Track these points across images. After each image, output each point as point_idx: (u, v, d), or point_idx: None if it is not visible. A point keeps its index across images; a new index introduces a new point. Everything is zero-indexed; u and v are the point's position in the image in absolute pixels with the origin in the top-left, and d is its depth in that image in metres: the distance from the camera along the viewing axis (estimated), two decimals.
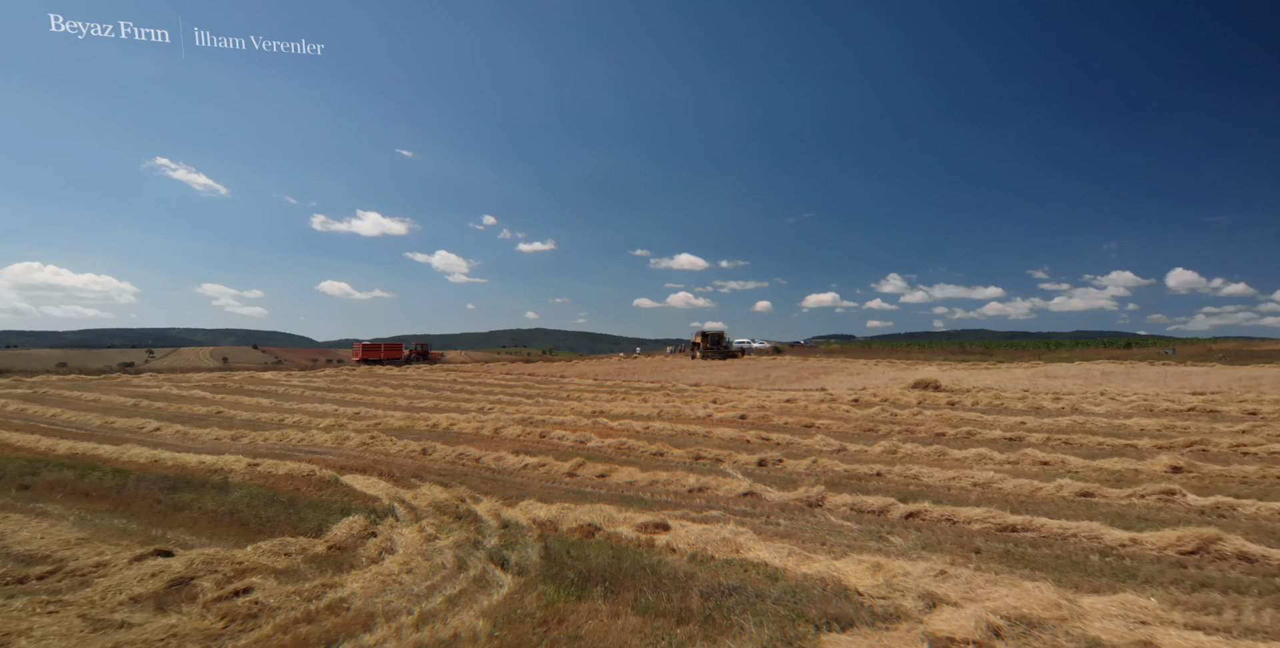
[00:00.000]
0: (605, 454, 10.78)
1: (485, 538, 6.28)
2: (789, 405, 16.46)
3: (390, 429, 13.41)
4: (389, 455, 10.58)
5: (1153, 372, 24.17)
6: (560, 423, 14.25)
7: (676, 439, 12.16)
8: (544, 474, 9.31)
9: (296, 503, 7.39)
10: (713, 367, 35.46)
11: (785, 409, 15.89)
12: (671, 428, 13.11)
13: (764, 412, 15.23)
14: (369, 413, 16.74)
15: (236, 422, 15.16)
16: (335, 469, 9.31)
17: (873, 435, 12.28)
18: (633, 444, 11.27)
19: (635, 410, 16.43)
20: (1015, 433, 11.35)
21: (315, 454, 10.71)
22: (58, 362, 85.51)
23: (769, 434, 12.05)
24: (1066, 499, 7.18)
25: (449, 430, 13.15)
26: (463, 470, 9.57)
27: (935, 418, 13.54)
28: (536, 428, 12.89)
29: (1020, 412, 14.28)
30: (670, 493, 8.15)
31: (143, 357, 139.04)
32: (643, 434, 12.73)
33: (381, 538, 6.24)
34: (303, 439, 11.94)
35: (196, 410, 17.16)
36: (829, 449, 10.88)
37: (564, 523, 6.67)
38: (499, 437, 12.40)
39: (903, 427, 12.69)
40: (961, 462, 9.56)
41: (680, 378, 27.47)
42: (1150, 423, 11.78)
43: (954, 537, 6.07)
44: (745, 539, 5.94)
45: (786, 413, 15.09)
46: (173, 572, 5.23)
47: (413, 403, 19.34)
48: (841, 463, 9.45)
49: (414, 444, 10.99)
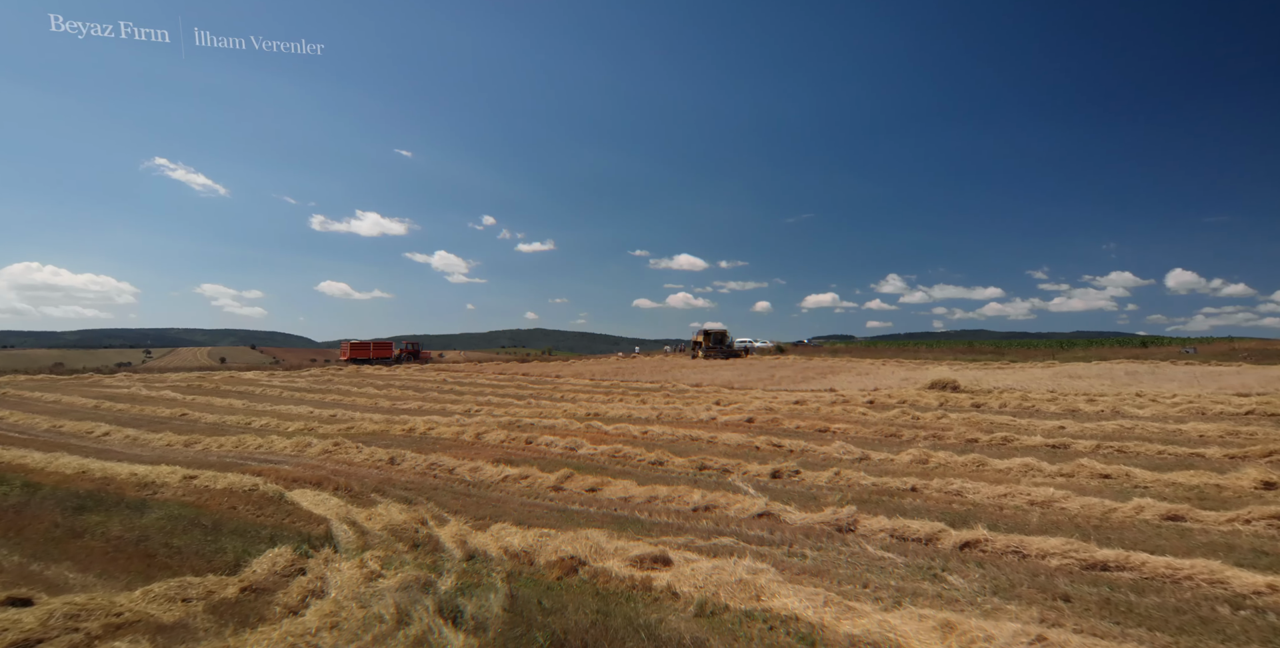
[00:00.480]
0: (597, 464, 9.55)
1: (442, 576, 5.05)
2: (799, 408, 15.22)
3: (361, 434, 12.16)
4: (351, 466, 9.34)
5: (1179, 371, 22.95)
6: (550, 427, 13.00)
7: (678, 446, 10.92)
8: (526, 488, 8.07)
9: (221, 527, 6.15)
10: (714, 366, 34.23)
11: (795, 412, 14.65)
12: (672, 433, 11.87)
13: (772, 415, 13.99)
14: (345, 416, 15.50)
15: (198, 426, 13.91)
16: (285, 483, 8.07)
17: (896, 442, 11.05)
18: (629, 452, 10.04)
19: (632, 413, 15.19)
20: (1058, 440, 10.11)
21: (269, 463, 9.47)
22: (54, 362, 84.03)
23: (781, 440, 10.82)
24: (1152, 524, 5.94)
25: (426, 436, 11.90)
26: (432, 484, 8.33)
27: (962, 422, 12.30)
28: (523, 433, 11.65)
29: (1055, 415, 13.05)
30: (671, 512, 6.91)
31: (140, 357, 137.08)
32: (640, 440, 11.49)
33: (311, 576, 5.00)
34: (260, 446, 10.70)
35: (159, 413, 15.91)
36: (850, 458, 9.64)
37: (541, 554, 5.43)
38: (480, 443, 11.16)
39: (929, 432, 11.45)
40: (1006, 474, 8.32)
41: (680, 378, 26.24)
42: (1210, 428, 10.55)
43: (1028, 576, 4.83)
44: (767, 580, 4.70)
45: (797, 416, 13.85)
46: (18, 631, 3.99)
47: (395, 405, 18.09)
48: (868, 475, 8.22)
49: (382, 452, 9.74)
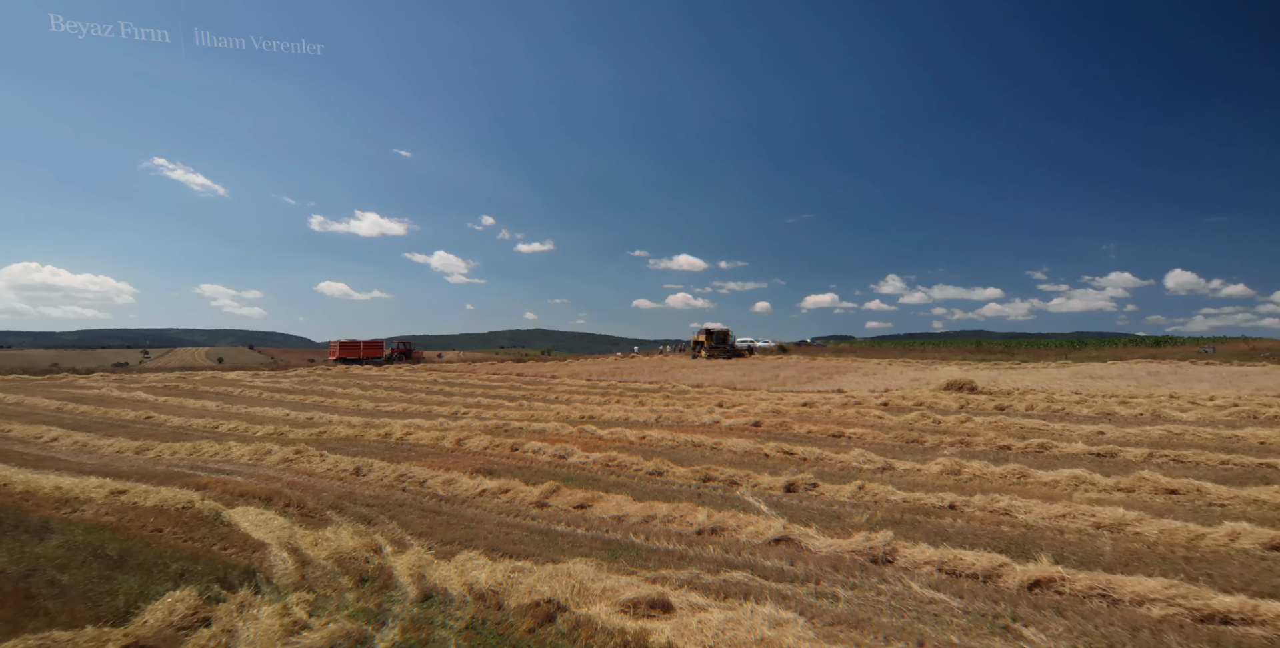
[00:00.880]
0: (589, 474, 8.52)
1: (384, 628, 4.02)
2: (808, 410, 14.19)
3: (332, 440, 11.12)
4: (312, 477, 8.30)
5: (1203, 371, 21.94)
6: (540, 432, 11.97)
7: (678, 453, 9.90)
8: (505, 504, 7.04)
9: (128, 559, 5.11)
10: (715, 366, 33.21)
11: (805, 415, 13.62)
12: (672, 438, 10.84)
13: (780, 418, 12.96)
14: (322, 419, 14.46)
15: (159, 430, 12.87)
16: (228, 498, 7.04)
17: (919, 449, 10.03)
18: (625, 460, 9.00)
19: (630, 416, 14.16)
20: (1102, 447, 9.09)
21: (220, 474, 8.43)
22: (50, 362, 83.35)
23: (792, 447, 9.79)
24: (1255, 556, 4.92)
25: (402, 442, 10.86)
26: (399, 499, 7.29)
27: (989, 426, 11.28)
28: (509, 439, 10.60)
29: (1088, 418, 12.03)
30: (672, 535, 5.89)
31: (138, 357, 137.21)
32: (637, 446, 10.46)
33: (217, 630, 3.96)
34: (216, 453, 9.65)
35: (123, 416, 14.86)
36: (871, 468, 8.62)
37: (513, 596, 4.40)
38: (460, 450, 10.12)
39: (954, 438, 10.42)
40: (1054, 488, 7.30)
41: (681, 378, 25.22)
42: (1271, 435, 9.53)
43: (1128, 631, 3.81)
44: (795, 637, 3.67)
45: (808, 419, 12.83)
46: None
47: (378, 407, 17.06)
48: (896, 489, 7.19)
49: (348, 461, 8.70)
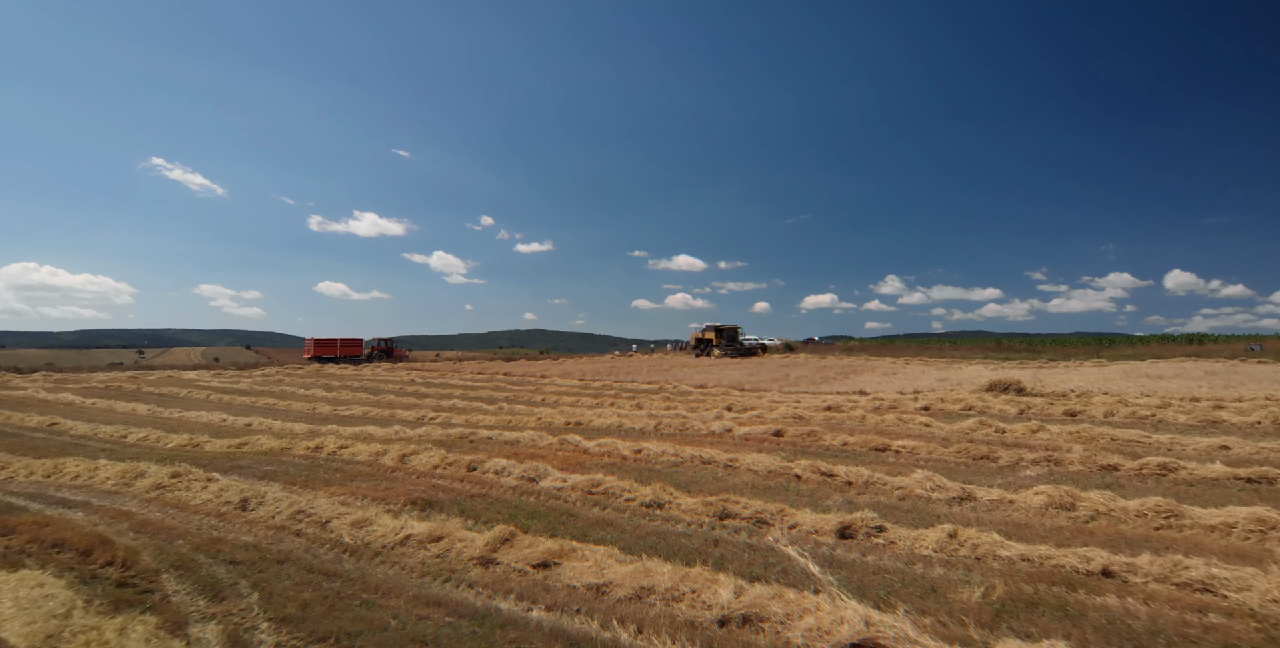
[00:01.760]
0: (564, 507, 6.28)
1: None
2: (836, 416, 11.95)
3: (246, 455, 8.88)
4: (181, 512, 6.06)
5: (1265, 370, 19.74)
6: (510, 444, 9.74)
7: (683, 473, 7.68)
8: (434, 560, 4.81)
9: None
10: (719, 365, 30.97)
11: (834, 422, 11.39)
12: (675, 452, 8.62)
13: (805, 425, 10.73)
14: (261, 425, 12.23)
15: (53, 441, 10.64)
16: (28, 550, 4.80)
17: (993, 467, 7.80)
18: (613, 486, 6.78)
19: (624, 422, 11.93)
20: (1251, 469, 6.84)
21: (61, 507, 6.20)
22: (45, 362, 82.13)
23: (831, 466, 7.55)
24: None
25: (333, 458, 8.62)
26: (284, 550, 5.05)
27: (1071, 437, 9.05)
28: (467, 454, 8.36)
29: (1193, 427, 9.81)
30: (680, 626, 3.67)
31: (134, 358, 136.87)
32: (631, 464, 8.23)
33: None
34: (79, 475, 7.41)
35: (26, 422, 12.61)
36: (945, 496, 6.39)
37: None
38: (402, 470, 7.88)
39: (1036, 454, 8.18)
40: (1227, 534, 5.06)
41: (682, 378, 22.98)
42: None
43: None
44: None
45: (839, 428, 10.60)
46: None
47: (335, 411, 14.82)
48: (1000, 535, 4.95)
49: (237, 489, 6.44)
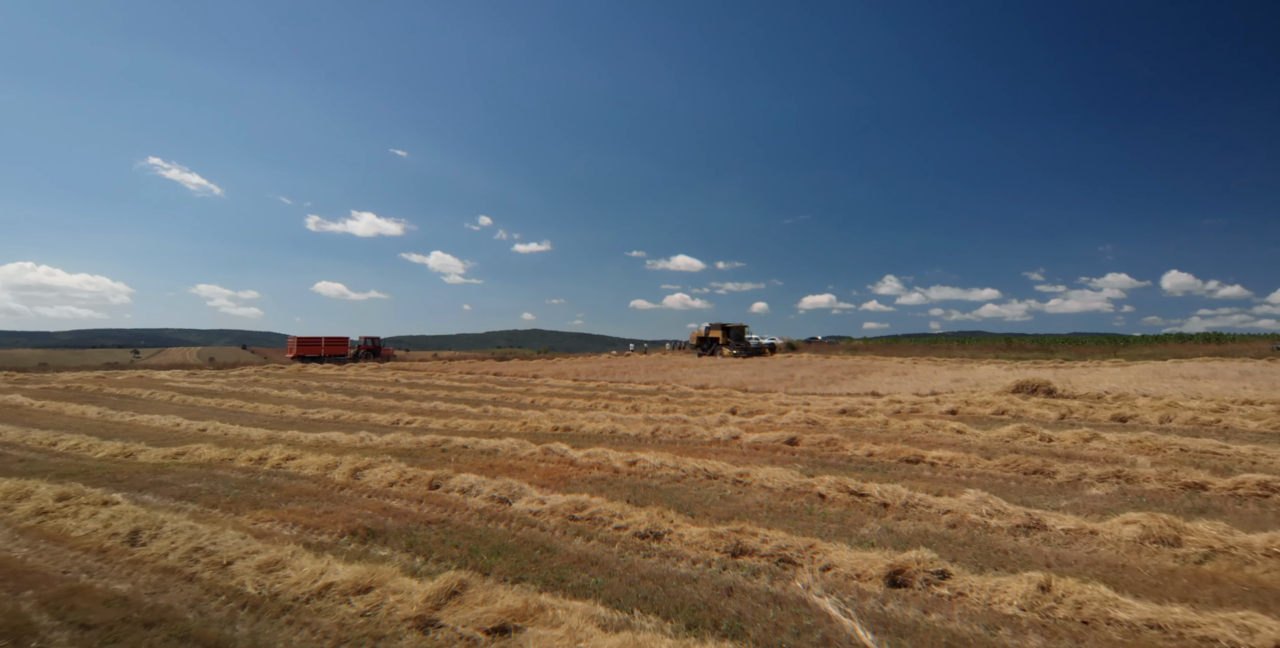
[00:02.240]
0: (536, 540, 5.08)
1: None
2: (854, 421, 10.75)
3: (179, 468, 7.66)
4: (56, 546, 4.83)
5: None
6: (487, 454, 8.53)
7: (686, 492, 6.49)
8: (357, 622, 3.59)
9: None
10: (719, 365, 29.76)
11: (853, 428, 10.20)
12: (676, 465, 7.42)
13: (821, 432, 9.55)
14: (216, 431, 11.02)
15: None
16: None
17: (1050, 485, 6.62)
18: (601, 509, 5.58)
19: (618, 427, 10.73)
20: None
21: None
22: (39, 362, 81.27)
23: (860, 483, 6.36)
24: None
25: (277, 471, 7.40)
26: (158, 607, 3.83)
27: (1134, 447, 7.87)
28: (431, 469, 7.15)
29: (1268, 436, 8.62)
30: None
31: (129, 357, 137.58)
32: (624, 478, 7.03)
33: None
34: None
35: None
36: (1007, 524, 5.20)
37: None
38: (352, 488, 6.66)
39: (1099, 468, 6.99)
40: None
41: (682, 378, 21.78)
42: None
43: None
44: None
45: (860, 435, 9.41)
46: None
47: (304, 414, 13.61)
48: (1110, 589, 3.75)
49: (132, 515, 5.22)
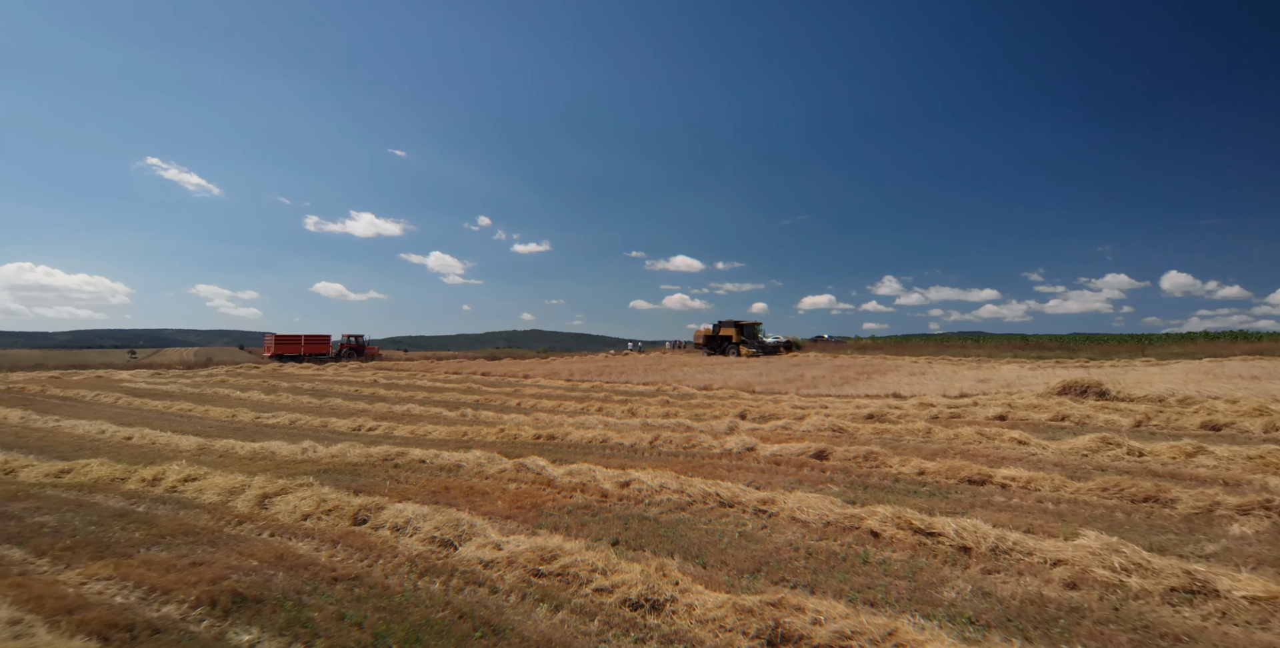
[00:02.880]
0: (478, 614, 3.48)
1: None
2: (888, 428, 9.15)
3: (52, 491, 6.06)
4: None
5: None
6: (448, 471, 6.95)
7: (694, 527, 4.91)
8: None
9: None
10: (723, 365, 28.16)
11: (887, 436, 8.62)
12: (679, 488, 5.84)
13: (852, 442, 7.97)
14: (145, 438, 9.45)
15: None
16: None
17: (1172, 517, 5.04)
18: (578, 561, 3.99)
19: (610, 436, 9.14)
20: None
21: None
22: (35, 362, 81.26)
23: (924, 516, 4.77)
24: None
25: (166, 498, 5.81)
26: None
27: (1256, 465, 6.28)
28: (363, 497, 5.56)
29: None
30: None
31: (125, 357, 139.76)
32: (613, 506, 5.44)
33: None
34: None
35: None
36: (1158, 587, 3.62)
37: None
38: (252, 523, 5.06)
39: (1234, 493, 5.40)
40: None
41: (683, 379, 20.19)
42: None
43: None
44: None
45: (897, 444, 7.83)
46: None
47: (258, 419, 12.03)
48: None
49: None
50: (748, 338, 36.36)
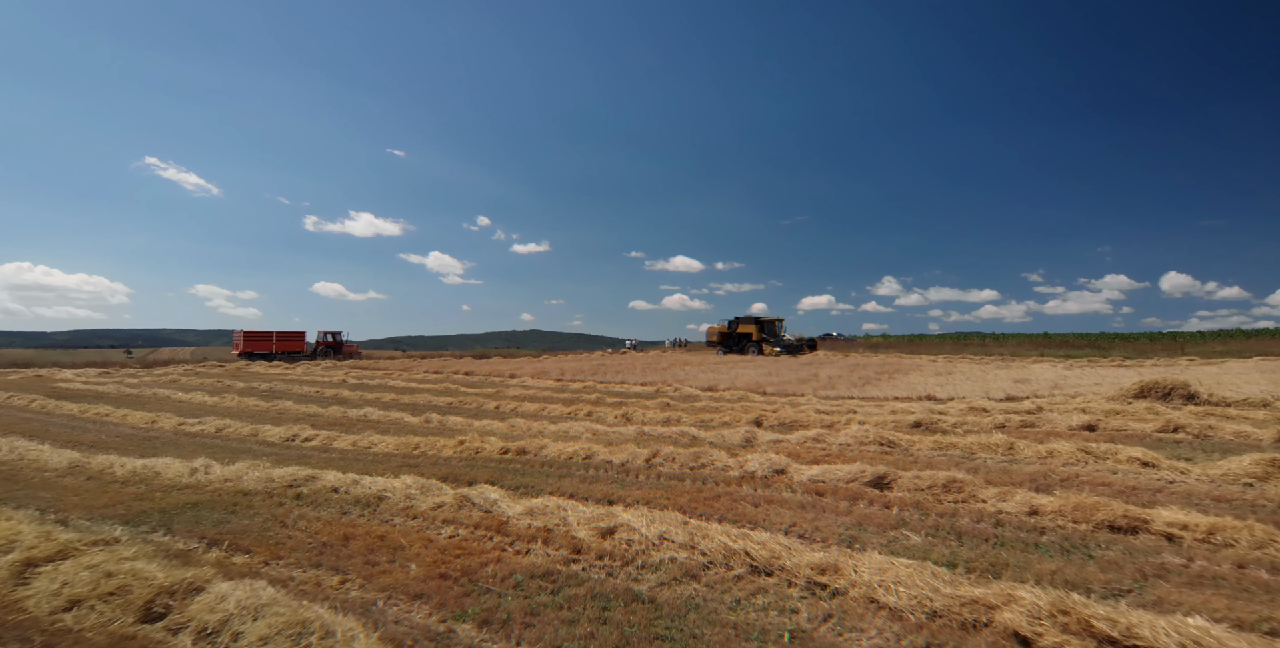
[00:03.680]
0: None
1: None
2: (953, 442, 7.15)
3: None
4: None
5: None
6: (362, 507, 4.97)
7: (712, 621, 2.91)
8: None
9: None
10: (729, 364, 26.15)
11: (954, 454, 6.65)
12: (687, 540, 3.87)
13: (915, 465, 6.00)
14: (12, 453, 7.48)
15: None
16: None
17: None
18: None
19: (596, 451, 7.17)
20: None
21: None
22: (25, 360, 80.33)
23: (1105, 611, 2.79)
24: None
25: None
26: None
27: None
28: (183, 570, 3.59)
29: None
30: None
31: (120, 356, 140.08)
32: (585, 575, 3.44)
33: None
34: None
35: None
36: None
37: None
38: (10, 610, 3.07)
39: None
40: None
41: (685, 379, 18.21)
42: None
43: None
44: None
45: (972, 464, 5.85)
46: None
47: (180, 426, 10.09)
48: None
49: None
50: (769, 336, 33.38)
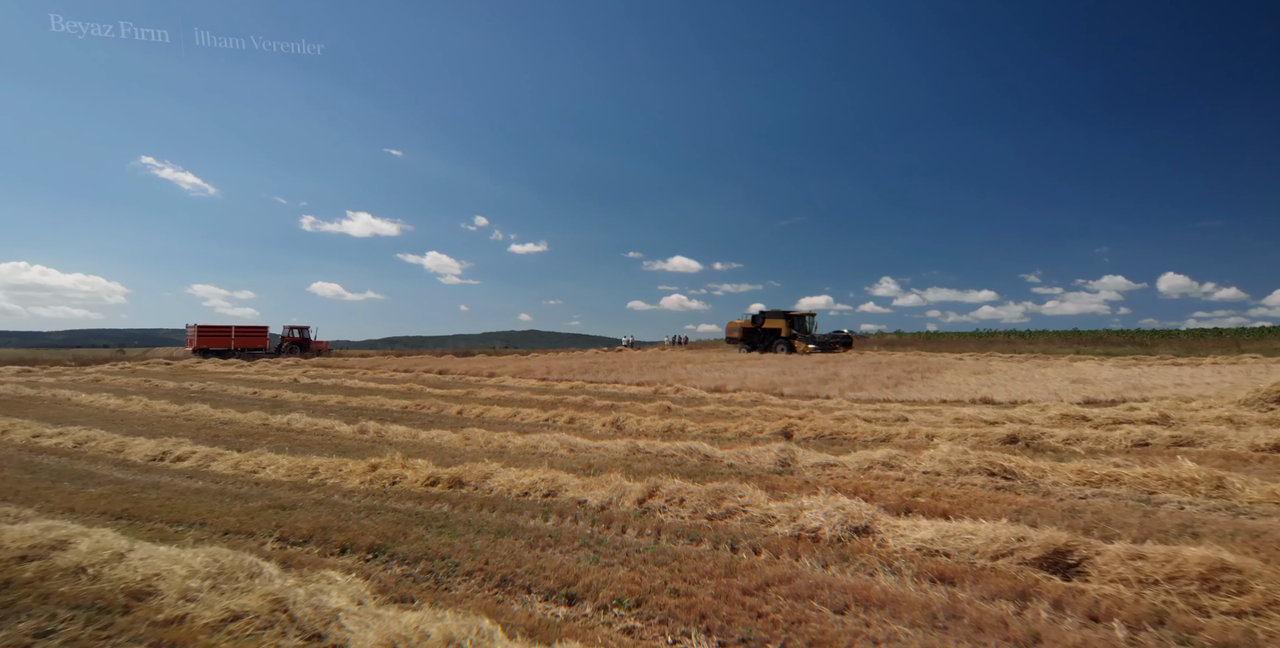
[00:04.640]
0: None
1: None
2: (1113, 476, 4.83)
3: None
4: None
5: None
6: (107, 613, 2.60)
7: None
8: None
9: None
10: (735, 362, 23.77)
11: (1113, 490, 4.32)
12: None
13: (1094, 522, 3.67)
14: None
15: None
16: None
17: None
18: None
19: (562, 482, 4.83)
20: None
21: None
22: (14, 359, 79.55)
23: None
24: None
25: None
26: None
27: None
28: None
29: None
30: None
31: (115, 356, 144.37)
32: None
33: None
34: None
35: None
36: None
37: None
38: None
39: None
40: None
41: (688, 378, 15.89)
42: None
43: None
44: None
45: (1163, 513, 3.51)
46: None
47: (35, 440, 7.83)
48: None
49: None
50: (800, 332, 29.64)
